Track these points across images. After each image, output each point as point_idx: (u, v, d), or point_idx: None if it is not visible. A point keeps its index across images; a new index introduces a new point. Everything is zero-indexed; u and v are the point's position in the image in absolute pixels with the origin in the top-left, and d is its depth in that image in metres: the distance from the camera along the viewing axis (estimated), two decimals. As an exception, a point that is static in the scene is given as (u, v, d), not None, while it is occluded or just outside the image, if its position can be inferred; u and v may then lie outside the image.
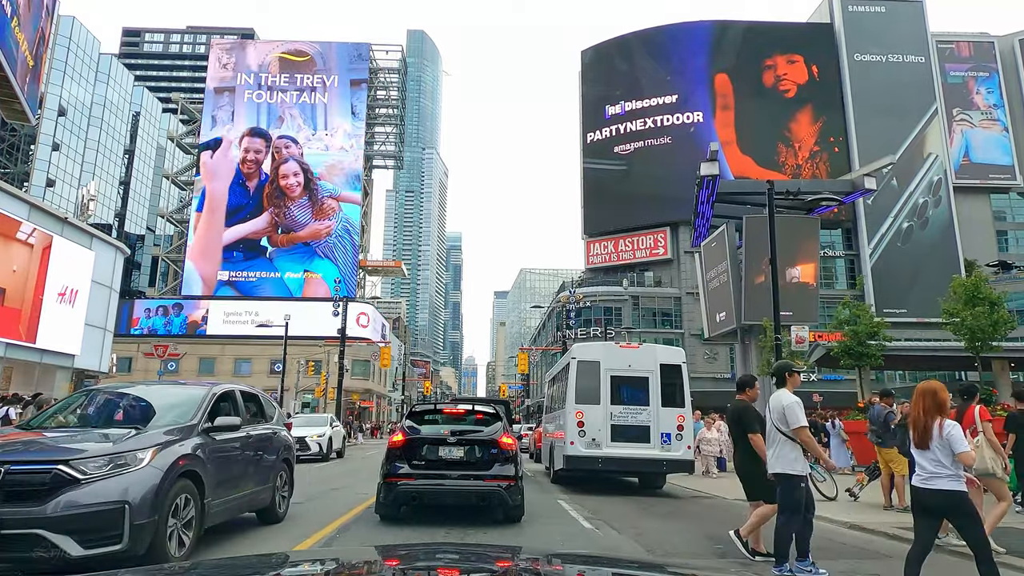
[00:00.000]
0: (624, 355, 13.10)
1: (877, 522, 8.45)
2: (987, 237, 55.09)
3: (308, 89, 66.94)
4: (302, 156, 65.17)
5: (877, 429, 9.72)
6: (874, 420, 9.77)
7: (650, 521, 9.13)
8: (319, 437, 21.35)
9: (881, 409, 9.75)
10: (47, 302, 24.69)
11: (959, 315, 18.61)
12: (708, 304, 37.76)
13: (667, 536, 7.84)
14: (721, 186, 32.14)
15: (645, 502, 11.53)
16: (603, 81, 62.08)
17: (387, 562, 2.34)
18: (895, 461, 9.52)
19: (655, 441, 12.42)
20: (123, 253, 32.80)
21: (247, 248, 63.04)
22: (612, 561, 3.28)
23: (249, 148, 64.74)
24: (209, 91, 67.26)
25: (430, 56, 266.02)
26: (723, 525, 8.74)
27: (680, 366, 12.95)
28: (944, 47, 58.26)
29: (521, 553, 2.59)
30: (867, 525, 8.43)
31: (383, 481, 8.17)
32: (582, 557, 3.08)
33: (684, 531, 8.20)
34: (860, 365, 20.42)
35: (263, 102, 66.54)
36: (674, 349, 13.91)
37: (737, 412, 6.55)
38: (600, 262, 59.83)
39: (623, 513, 9.92)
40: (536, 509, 9.54)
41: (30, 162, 74.48)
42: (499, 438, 8.38)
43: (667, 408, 12.56)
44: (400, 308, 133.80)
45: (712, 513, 10.24)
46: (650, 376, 12.73)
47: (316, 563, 2.42)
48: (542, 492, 12.56)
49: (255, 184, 64.29)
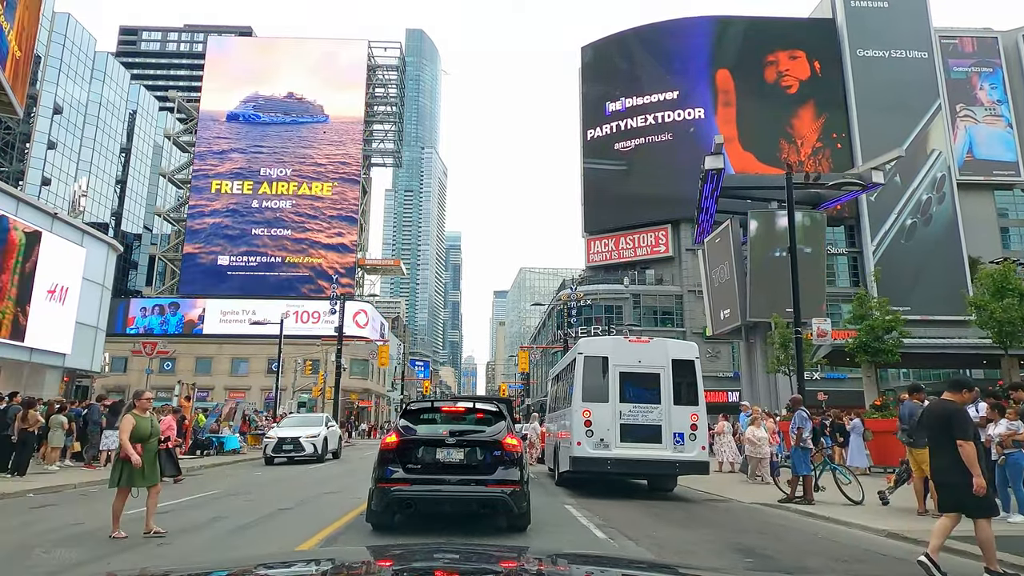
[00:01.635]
0: (634, 350, 12.38)
1: (918, 530, 7.70)
2: (991, 234, 54.46)
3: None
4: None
5: (909, 428, 8.99)
6: (906, 418, 9.04)
7: (667, 529, 8.45)
8: (313, 438, 20.70)
9: (915, 406, 9.04)
10: (36, 299, 24.03)
11: (987, 307, 17.69)
12: (712, 301, 37.19)
13: (689, 547, 7.15)
14: (728, 180, 31.59)
15: (658, 507, 10.85)
16: (603, 78, 61.49)
17: (387, 562, 2.25)
18: (929, 463, 8.79)
19: (667, 441, 11.71)
20: (116, 250, 32.14)
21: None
22: (621, 562, 3.20)
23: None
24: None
25: (429, 55, 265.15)
26: (746, 534, 8.09)
27: (693, 361, 12.23)
28: (947, 42, 57.66)
29: (527, 553, 2.49)
30: (907, 534, 7.72)
31: (375, 487, 7.42)
32: (589, 557, 2.98)
33: (707, 541, 7.51)
34: (876, 361, 19.64)
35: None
36: (687, 344, 13.16)
37: (948, 414, 5.86)
38: (601, 260, 59.23)
39: (636, 520, 9.25)
40: (542, 516, 8.85)
41: (25, 160, 73.68)
42: (503, 439, 7.64)
43: (680, 406, 11.84)
44: (399, 307, 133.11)
45: (732, 519, 9.56)
46: (661, 372, 12.02)
47: (312, 563, 2.36)
48: (547, 496, 11.86)
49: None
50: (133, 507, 8.83)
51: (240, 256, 63.70)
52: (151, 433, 7.63)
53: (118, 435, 7.60)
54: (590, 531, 8.16)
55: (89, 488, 12.86)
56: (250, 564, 2.25)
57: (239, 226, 64.38)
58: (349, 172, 66.37)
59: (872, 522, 8.59)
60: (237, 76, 67.92)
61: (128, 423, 7.45)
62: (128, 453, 7.27)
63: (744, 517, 9.63)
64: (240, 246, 63.95)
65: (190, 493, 11.73)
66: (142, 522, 7.63)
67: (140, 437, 7.45)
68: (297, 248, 64.08)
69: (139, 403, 7.72)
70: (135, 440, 7.39)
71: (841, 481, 10.94)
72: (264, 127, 67.22)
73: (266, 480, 15.16)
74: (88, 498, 11.47)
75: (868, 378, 28.65)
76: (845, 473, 11.00)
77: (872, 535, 8.11)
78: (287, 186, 65.56)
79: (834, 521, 9.09)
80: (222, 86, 67.81)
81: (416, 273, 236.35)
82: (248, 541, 6.98)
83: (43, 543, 7.16)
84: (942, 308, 46.73)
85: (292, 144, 66.92)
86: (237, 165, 66.02)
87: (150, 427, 7.64)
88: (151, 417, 7.87)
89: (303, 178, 65.87)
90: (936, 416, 6.09)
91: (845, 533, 8.35)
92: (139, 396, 7.82)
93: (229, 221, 64.50)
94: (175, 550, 6.75)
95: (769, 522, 9.27)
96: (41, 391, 23.86)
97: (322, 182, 65.79)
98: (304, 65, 68.37)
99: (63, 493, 12.32)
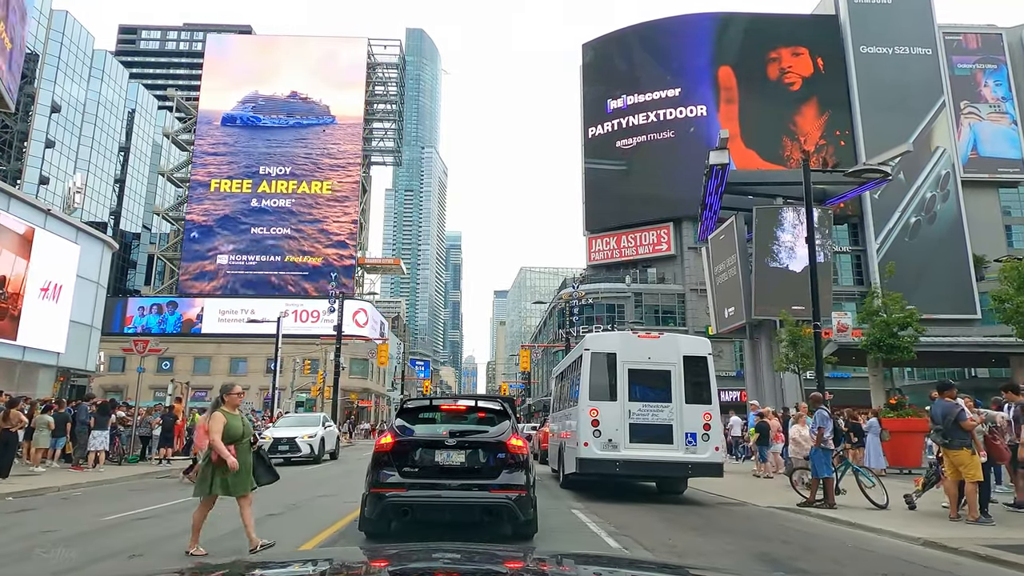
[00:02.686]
0: (643, 346, 11.79)
1: (957, 538, 7.13)
2: (995, 232, 53.95)
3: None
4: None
5: (944, 428, 8.42)
6: (939, 418, 8.47)
7: (684, 536, 7.89)
8: (310, 438, 20.15)
9: (951, 405, 8.47)
10: (28, 297, 23.53)
11: (1011, 300, 17.02)
12: (716, 299, 36.63)
13: (711, 558, 6.58)
14: (732, 176, 31.02)
15: (671, 511, 10.28)
16: (605, 76, 61.01)
17: (387, 563, 2.21)
18: (966, 465, 8.24)
19: (679, 442, 11.14)
20: (111, 247, 31.63)
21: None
22: (628, 562, 3.12)
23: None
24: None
25: (429, 55, 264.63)
26: (770, 542, 7.53)
27: (706, 358, 11.65)
28: (951, 39, 57.18)
29: (532, 554, 2.41)
30: (946, 542, 7.11)
31: (368, 492, 6.80)
32: (595, 558, 2.94)
33: (730, 552, 6.92)
34: (891, 358, 19.05)
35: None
36: (699, 339, 12.59)
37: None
38: (602, 259, 58.72)
39: (650, 526, 8.68)
40: (549, 522, 8.28)
41: (23, 159, 73.15)
42: (507, 440, 7.05)
43: (692, 405, 11.26)
44: (400, 307, 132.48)
45: (752, 526, 8.97)
46: (672, 369, 11.44)
47: (309, 563, 2.33)
48: (553, 499, 11.28)
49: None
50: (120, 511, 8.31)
51: (239, 255, 63.22)
52: (243, 433, 6.59)
53: (209, 436, 6.40)
54: (601, 539, 7.60)
55: (72, 491, 12.32)
56: (245, 564, 2.15)
57: (238, 225, 63.90)
58: (349, 170, 65.88)
59: (903, 529, 8.01)
60: (237, 75, 67.47)
61: (219, 421, 6.43)
62: (223, 455, 6.27)
63: (764, 523, 9.06)
64: (239, 245, 63.48)
65: (175, 497, 11.17)
66: (127, 527, 7.06)
67: (233, 437, 6.46)
68: (296, 247, 63.59)
69: (228, 398, 6.69)
70: (227, 441, 6.39)
71: (864, 484, 10.36)
72: (264, 126, 66.73)
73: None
74: (70, 502, 10.93)
75: (874, 377, 28.09)
76: (868, 475, 10.41)
77: (906, 543, 7.52)
78: (287, 184, 65.06)
79: (861, 527, 8.52)
80: (221, 85, 67.35)
81: (416, 273, 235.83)
82: (224, 552, 6.42)
83: (7, 554, 6.61)
84: (947, 307, 46.27)
85: (292, 143, 66.46)
86: (236, 164, 65.53)
87: (242, 426, 6.62)
88: (242, 415, 6.88)
89: (303, 177, 65.39)
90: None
91: (876, 541, 7.78)
92: (228, 391, 6.77)
93: (228, 220, 64.01)
94: (143, 561, 6.21)
95: (791, 528, 8.71)
96: (34, 391, 23.36)
97: (322, 181, 65.32)
98: (304, 63, 67.93)
99: (45, 496, 11.78)
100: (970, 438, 8.43)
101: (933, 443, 9.29)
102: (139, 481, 14.92)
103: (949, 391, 8.77)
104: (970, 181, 53.62)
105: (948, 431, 8.37)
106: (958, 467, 8.33)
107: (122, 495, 11.87)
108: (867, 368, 29.12)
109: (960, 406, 8.55)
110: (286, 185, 65.04)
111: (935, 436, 8.74)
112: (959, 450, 8.27)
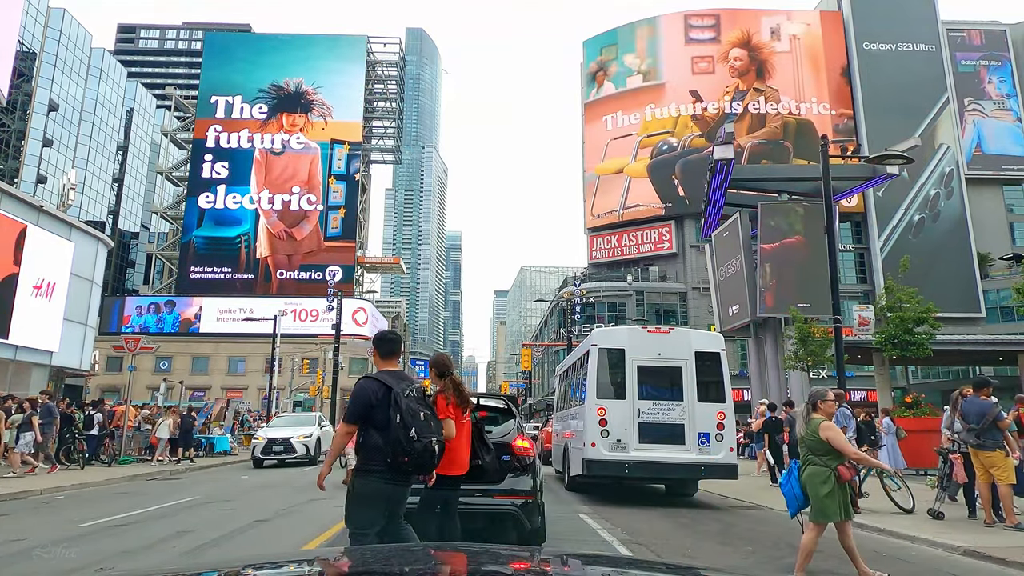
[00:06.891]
0: (653, 341, 11.23)
1: (1001, 547, 6.56)
2: (1000, 229, 53.49)
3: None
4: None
5: (977, 428, 7.87)
6: (975, 417, 7.91)
7: (701, 544, 7.35)
8: (306, 438, 19.61)
9: (988, 404, 7.92)
10: (21, 295, 23.01)
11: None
12: (720, 297, 36.04)
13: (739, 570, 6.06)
14: (737, 171, 30.48)
15: (684, 516, 9.73)
16: (606, 72, 60.48)
17: (386, 562, 2.09)
18: (999, 467, 7.71)
19: (691, 443, 10.59)
20: (106, 245, 31.07)
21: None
22: (635, 563, 3.11)
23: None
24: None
25: (429, 54, 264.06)
26: (792, 549, 6.98)
27: (719, 354, 11.09)
28: (955, 35, 56.71)
29: (538, 554, 2.38)
30: (990, 551, 6.53)
31: None
32: (602, 558, 2.90)
33: (756, 563, 6.40)
34: (906, 355, 18.49)
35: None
36: (711, 335, 12.05)
37: None
38: (603, 257, 58.23)
39: (664, 533, 8.14)
40: (556, 528, 7.74)
41: (20, 158, 72.65)
42: (512, 441, 6.52)
43: (704, 403, 10.71)
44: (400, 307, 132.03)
45: (773, 532, 8.42)
46: (683, 366, 10.88)
47: (304, 563, 2.28)
48: (559, 503, 10.69)
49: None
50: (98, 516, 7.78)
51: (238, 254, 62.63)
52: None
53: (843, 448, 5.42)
54: (613, 547, 7.07)
55: (54, 495, 11.78)
56: (237, 565, 2.14)
57: (238, 223, 63.33)
58: (348, 169, 65.32)
59: (939, 536, 7.45)
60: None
61: (834, 430, 5.50)
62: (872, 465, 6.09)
63: (786, 529, 8.51)
64: (239, 244, 62.90)
65: (162, 500, 10.64)
66: (101, 534, 6.51)
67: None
68: (296, 246, 63.02)
69: (823, 405, 5.74)
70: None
71: (890, 487, 9.80)
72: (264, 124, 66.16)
73: (251, 485, 14.06)
74: (50, 506, 10.38)
75: (881, 376, 27.52)
76: (893, 478, 9.84)
77: (945, 552, 6.96)
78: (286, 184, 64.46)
79: (891, 534, 7.97)
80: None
81: (416, 272, 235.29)
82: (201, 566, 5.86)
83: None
84: (951, 305, 45.70)
85: (291, 141, 65.86)
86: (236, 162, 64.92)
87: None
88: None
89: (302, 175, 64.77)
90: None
91: (911, 549, 7.23)
92: (823, 397, 5.79)
93: (227, 218, 63.44)
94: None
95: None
96: (27, 391, 22.83)
97: (321, 179, 64.73)
98: (303, 62, 67.32)
99: (26, 500, 11.22)
100: (1003, 439, 7.92)
101: (955, 443, 8.63)
102: (128, 484, 14.39)
103: (985, 388, 8.20)
104: (974, 178, 53.16)
105: (983, 431, 7.83)
106: (989, 469, 7.79)
107: (106, 499, 11.34)
108: (873, 367, 28.54)
109: (998, 405, 8.01)
110: (285, 184, 64.44)
111: (966, 436, 8.17)
112: (992, 451, 7.73)
